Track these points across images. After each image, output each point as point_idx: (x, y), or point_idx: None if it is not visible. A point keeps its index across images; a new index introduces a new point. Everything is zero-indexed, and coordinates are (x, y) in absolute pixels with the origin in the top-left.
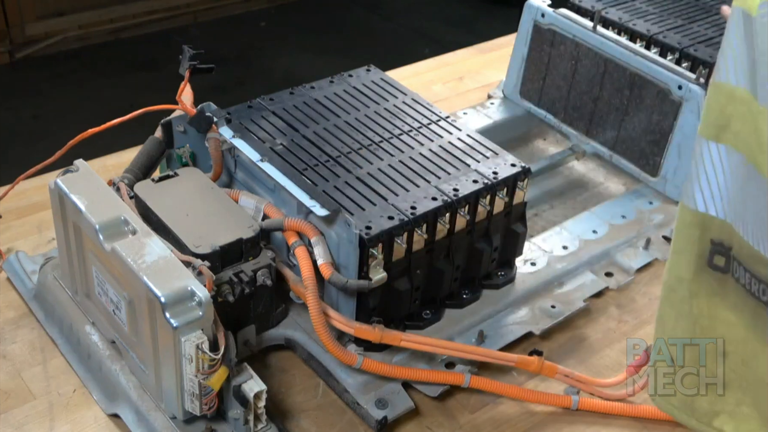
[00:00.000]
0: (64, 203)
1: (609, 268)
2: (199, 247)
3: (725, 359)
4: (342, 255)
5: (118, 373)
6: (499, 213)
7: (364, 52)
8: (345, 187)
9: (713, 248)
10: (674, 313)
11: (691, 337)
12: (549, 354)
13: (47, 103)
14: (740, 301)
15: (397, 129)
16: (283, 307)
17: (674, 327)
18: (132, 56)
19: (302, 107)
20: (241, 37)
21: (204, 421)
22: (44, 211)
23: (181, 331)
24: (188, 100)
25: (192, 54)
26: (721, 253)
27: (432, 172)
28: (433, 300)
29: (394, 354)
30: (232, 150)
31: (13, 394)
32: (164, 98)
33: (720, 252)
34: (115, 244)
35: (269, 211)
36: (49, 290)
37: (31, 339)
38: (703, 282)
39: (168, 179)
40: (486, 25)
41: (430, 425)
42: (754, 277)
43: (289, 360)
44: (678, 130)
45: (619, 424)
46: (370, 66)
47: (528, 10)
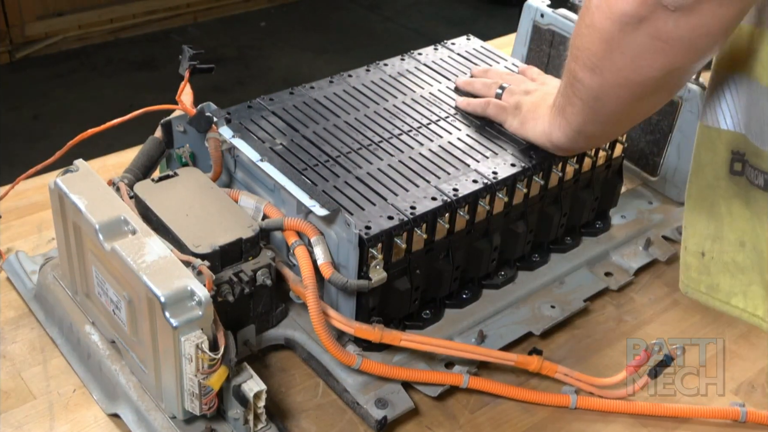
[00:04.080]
0: (64, 203)
1: (609, 268)
2: (198, 247)
3: (743, 248)
4: (341, 255)
5: (118, 372)
6: (499, 212)
7: (364, 52)
8: (345, 187)
9: (733, 157)
10: (705, 216)
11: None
12: (549, 354)
13: (47, 103)
14: (747, 195)
15: (396, 129)
16: (282, 306)
17: (706, 226)
18: (132, 56)
19: (302, 107)
20: (241, 37)
21: (204, 420)
22: (44, 211)
23: (180, 331)
24: (188, 100)
25: (192, 54)
26: (738, 159)
27: (432, 172)
28: (433, 300)
29: (393, 354)
30: (231, 150)
31: (13, 394)
32: (164, 98)
33: (738, 159)
34: (114, 244)
35: (269, 211)
36: (49, 290)
37: (31, 339)
38: (727, 186)
39: (168, 179)
40: (485, 25)
41: (429, 425)
42: (755, 169)
43: (289, 360)
44: (677, 130)
45: (619, 424)
46: (370, 66)
47: (527, 11)
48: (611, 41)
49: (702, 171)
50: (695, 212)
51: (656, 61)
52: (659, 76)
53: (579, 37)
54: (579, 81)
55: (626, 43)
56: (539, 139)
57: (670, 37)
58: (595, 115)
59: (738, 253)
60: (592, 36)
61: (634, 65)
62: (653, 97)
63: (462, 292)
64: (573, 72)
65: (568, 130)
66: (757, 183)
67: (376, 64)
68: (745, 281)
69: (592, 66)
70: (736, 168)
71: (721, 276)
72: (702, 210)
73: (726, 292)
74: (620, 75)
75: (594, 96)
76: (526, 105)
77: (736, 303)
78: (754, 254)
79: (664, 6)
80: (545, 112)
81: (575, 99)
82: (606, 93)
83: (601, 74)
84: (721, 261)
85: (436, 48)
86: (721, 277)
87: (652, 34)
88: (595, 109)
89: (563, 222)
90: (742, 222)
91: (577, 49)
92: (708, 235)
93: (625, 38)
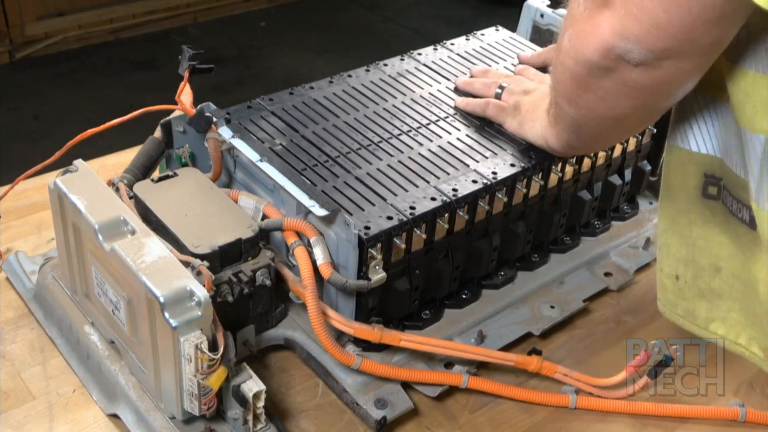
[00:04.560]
0: (64, 203)
1: (609, 268)
2: (198, 247)
3: (719, 274)
4: (341, 255)
5: (117, 373)
6: (499, 212)
7: (364, 52)
8: (344, 187)
9: (707, 180)
10: (677, 239)
11: (692, 257)
12: (548, 354)
13: (47, 103)
14: (727, 223)
15: (396, 129)
16: (282, 307)
17: (678, 250)
18: (132, 56)
19: (301, 107)
20: (241, 37)
21: (203, 421)
22: (44, 211)
23: (180, 331)
24: (188, 100)
25: (192, 54)
26: (713, 183)
27: (431, 173)
28: (433, 300)
29: (393, 354)
30: (231, 150)
31: (12, 394)
32: (164, 98)
33: (712, 183)
34: (114, 244)
35: (268, 211)
36: (49, 290)
37: (31, 339)
38: (699, 210)
39: (167, 179)
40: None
41: (429, 425)
42: (737, 201)
43: (289, 360)
44: None
45: (619, 424)
46: (370, 66)
47: (527, 11)
48: (581, 82)
49: (672, 193)
50: (668, 234)
51: (626, 101)
52: (630, 113)
53: (555, 70)
54: (560, 107)
55: (595, 86)
56: (537, 140)
57: (636, 85)
58: (578, 136)
59: (713, 279)
60: (565, 74)
61: (605, 104)
62: (631, 127)
63: (461, 293)
64: (554, 98)
65: (559, 141)
66: (740, 217)
67: (376, 64)
68: (724, 308)
69: (568, 99)
70: (710, 191)
71: (696, 301)
72: (674, 233)
73: (704, 318)
74: (593, 110)
75: (574, 122)
76: (524, 105)
77: (714, 329)
78: (735, 282)
79: (626, 61)
80: (542, 114)
81: (560, 119)
82: (584, 122)
83: (577, 107)
84: (696, 286)
85: (436, 48)
86: (696, 302)
87: (618, 81)
88: (578, 132)
89: (563, 222)
90: (716, 248)
91: (555, 80)
92: (680, 259)
93: (594, 81)
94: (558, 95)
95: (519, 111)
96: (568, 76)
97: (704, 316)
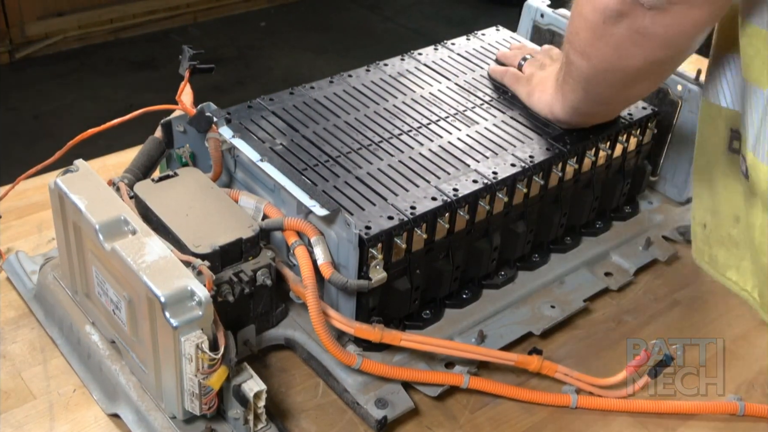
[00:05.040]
0: (64, 203)
1: (609, 268)
2: (198, 247)
3: (737, 223)
4: (342, 255)
5: (118, 372)
6: (499, 212)
7: (364, 52)
8: (345, 187)
9: (732, 134)
10: (707, 190)
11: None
12: (548, 354)
13: (47, 103)
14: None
15: (396, 129)
16: (282, 306)
17: (707, 200)
18: (132, 56)
19: (302, 107)
20: (241, 37)
21: (204, 420)
22: (44, 211)
23: (180, 331)
24: (188, 100)
25: (192, 54)
26: (737, 138)
27: (432, 172)
28: (433, 300)
29: (393, 354)
30: (231, 150)
31: (13, 394)
32: (164, 98)
33: (736, 138)
34: (115, 244)
35: (269, 211)
36: (49, 290)
37: (31, 339)
38: (725, 162)
39: (168, 179)
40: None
41: (429, 425)
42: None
43: (289, 360)
44: (677, 130)
45: (619, 423)
46: (370, 66)
47: (527, 11)
48: (596, 31)
49: (704, 146)
50: (699, 185)
51: (637, 52)
52: (642, 66)
53: (572, 22)
54: (572, 63)
55: (609, 34)
56: (543, 110)
57: (647, 32)
58: (586, 95)
59: (733, 228)
60: (580, 24)
61: (618, 54)
62: (640, 85)
63: (462, 292)
64: (567, 53)
65: (565, 105)
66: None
67: (376, 64)
68: (739, 255)
69: (581, 51)
70: (734, 146)
71: (717, 249)
72: (704, 183)
73: (722, 264)
74: (606, 61)
75: (585, 77)
76: (537, 77)
77: (730, 276)
78: (747, 231)
79: (641, 4)
80: (551, 85)
81: (570, 78)
82: (595, 76)
83: (589, 59)
84: (718, 234)
85: (436, 48)
86: (718, 249)
87: (632, 28)
88: (587, 90)
89: (563, 222)
90: (737, 198)
91: (570, 33)
92: (708, 209)
93: (608, 29)
94: (571, 49)
95: (530, 82)
96: (583, 26)
97: (723, 263)
